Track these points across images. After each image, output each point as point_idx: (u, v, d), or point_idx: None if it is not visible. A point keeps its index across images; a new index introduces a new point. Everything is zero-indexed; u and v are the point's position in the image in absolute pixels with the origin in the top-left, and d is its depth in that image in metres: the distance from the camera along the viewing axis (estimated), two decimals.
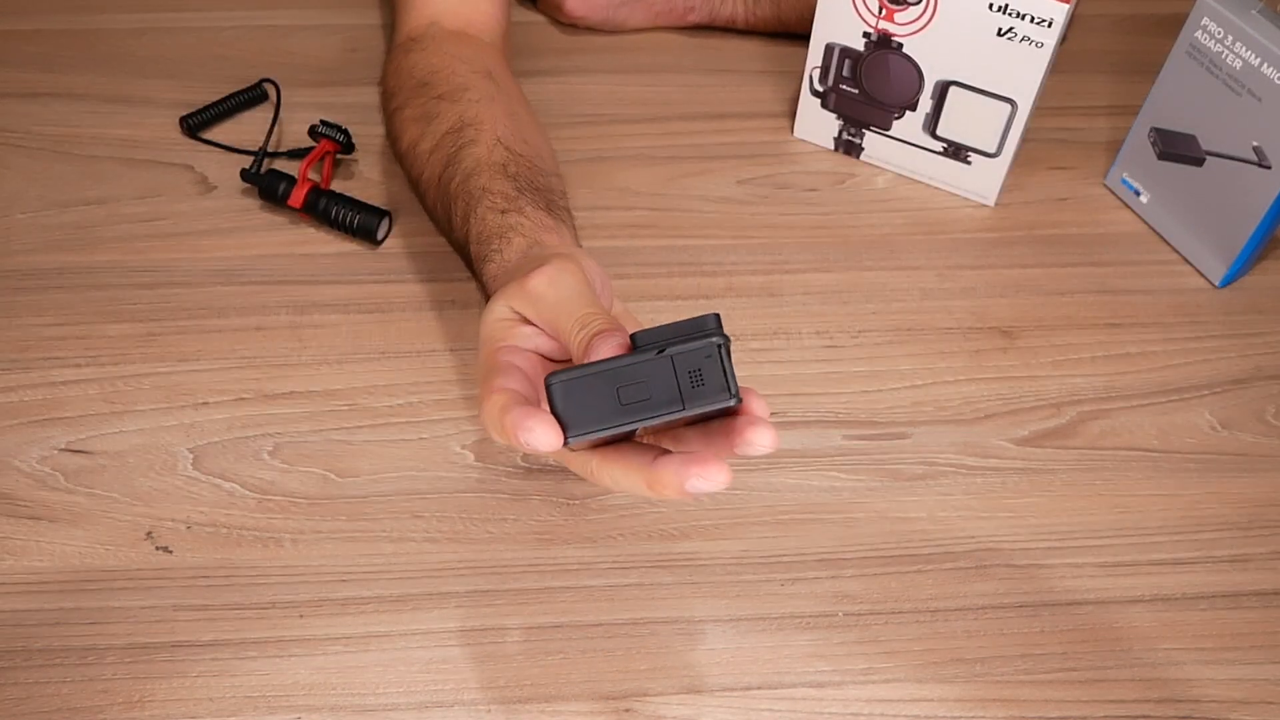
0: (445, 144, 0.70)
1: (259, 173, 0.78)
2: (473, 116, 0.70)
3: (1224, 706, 0.59)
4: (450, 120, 0.71)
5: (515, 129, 0.70)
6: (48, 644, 0.60)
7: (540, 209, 0.63)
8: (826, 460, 0.68)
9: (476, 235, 0.62)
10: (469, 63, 0.75)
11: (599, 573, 0.63)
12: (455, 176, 0.67)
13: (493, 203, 0.63)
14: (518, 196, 0.63)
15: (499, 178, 0.65)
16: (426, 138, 0.72)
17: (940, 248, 0.80)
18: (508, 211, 0.62)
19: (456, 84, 0.73)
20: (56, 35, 0.91)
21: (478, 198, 0.64)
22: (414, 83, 0.75)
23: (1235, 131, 0.73)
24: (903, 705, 0.59)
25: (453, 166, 0.68)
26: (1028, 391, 0.72)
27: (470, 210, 0.64)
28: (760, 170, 0.84)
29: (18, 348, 0.71)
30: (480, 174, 0.65)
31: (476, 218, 0.63)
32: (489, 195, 0.64)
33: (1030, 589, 0.63)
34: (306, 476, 0.66)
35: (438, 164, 0.69)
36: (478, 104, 0.71)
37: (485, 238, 0.61)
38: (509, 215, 0.62)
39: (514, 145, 0.68)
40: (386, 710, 0.58)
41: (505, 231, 0.61)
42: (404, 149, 0.74)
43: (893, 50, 0.77)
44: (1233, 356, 0.74)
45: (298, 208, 0.76)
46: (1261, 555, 0.65)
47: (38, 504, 0.65)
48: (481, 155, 0.67)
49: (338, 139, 0.78)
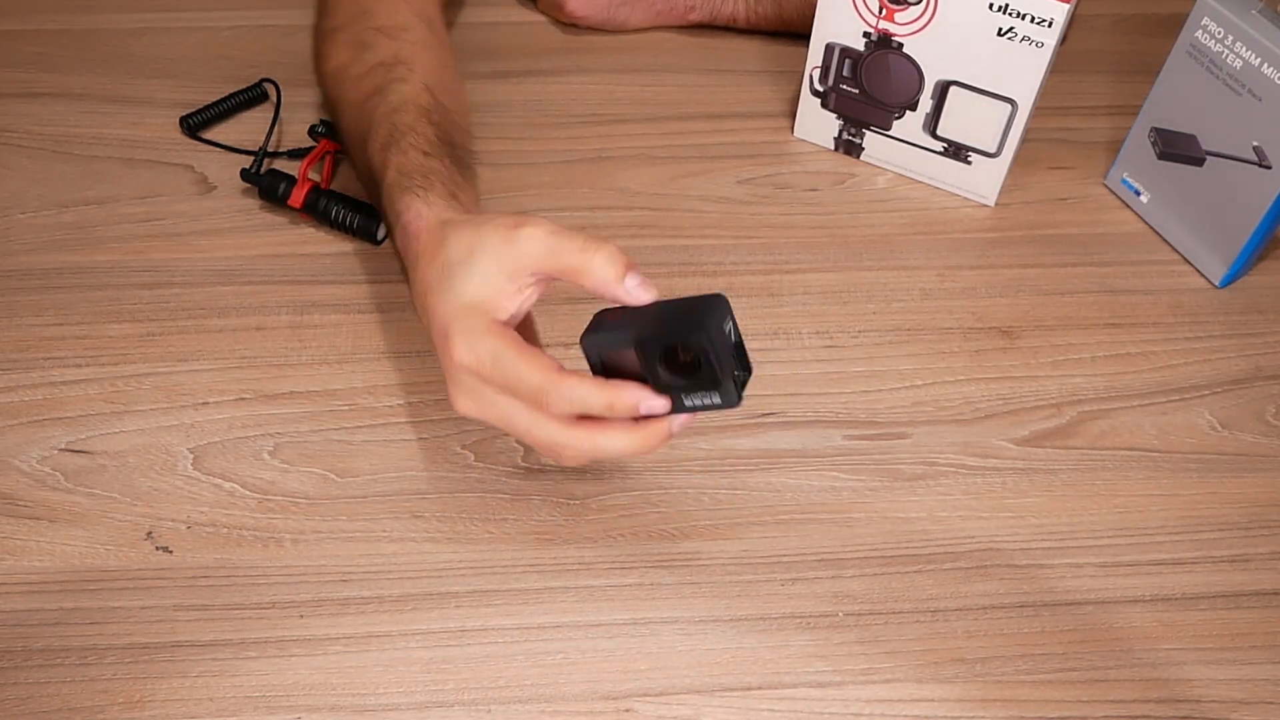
0: (376, 74, 0.70)
1: (259, 173, 0.78)
2: (407, 55, 0.72)
3: (1224, 706, 0.59)
4: (384, 53, 0.72)
5: (442, 80, 0.72)
6: (48, 644, 0.60)
7: (453, 165, 0.64)
8: (826, 460, 0.68)
9: (399, 165, 0.63)
10: (411, 4, 0.77)
11: (599, 573, 0.63)
12: (380, 106, 0.68)
13: (416, 142, 0.64)
14: (439, 144, 0.65)
15: (423, 121, 0.66)
16: (357, 64, 0.73)
17: (940, 248, 0.80)
18: (430, 155, 0.64)
19: (398, 21, 0.74)
20: (56, 35, 0.91)
21: (403, 132, 0.65)
22: (355, 8, 0.76)
23: (1235, 131, 0.73)
24: (903, 705, 0.59)
25: (379, 95, 0.69)
26: (1028, 391, 0.72)
27: (393, 141, 0.65)
28: (760, 170, 0.84)
29: (18, 348, 0.71)
30: (406, 111, 0.67)
31: (399, 150, 0.64)
32: (414, 134, 0.65)
33: (1030, 589, 0.63)
34: (306, 476, 0.66)
35: (364, 90, 0.70)
36: (414, 45, 0.73)
37: (408, 171, 0.62)
38: (431, 159, 0.63)
39: (440, 95, 0.69)
40: (386, 710, 0.58)
41: (427, 174, 0.62)
42: (331, 70, 0.75)
43: (893, 50, 0.77)
44: (1233, 356, 0.74)
45: (298, 208, 0.76)
46: (1261, 555, 0.65)
47: (38, 504, 0.65)
48: (409, 95, 0.68)
49: (337, 139, 0.78)
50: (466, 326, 0.53)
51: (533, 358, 0.52)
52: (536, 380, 0.51)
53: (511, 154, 0.84)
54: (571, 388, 0.51)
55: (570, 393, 0.51)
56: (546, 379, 0.51)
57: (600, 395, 0.51)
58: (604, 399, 0.51)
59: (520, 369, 0.51)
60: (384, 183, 0.63)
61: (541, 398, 0.51)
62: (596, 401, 0.51)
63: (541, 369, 0.51)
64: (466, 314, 0.53)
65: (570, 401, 0.51)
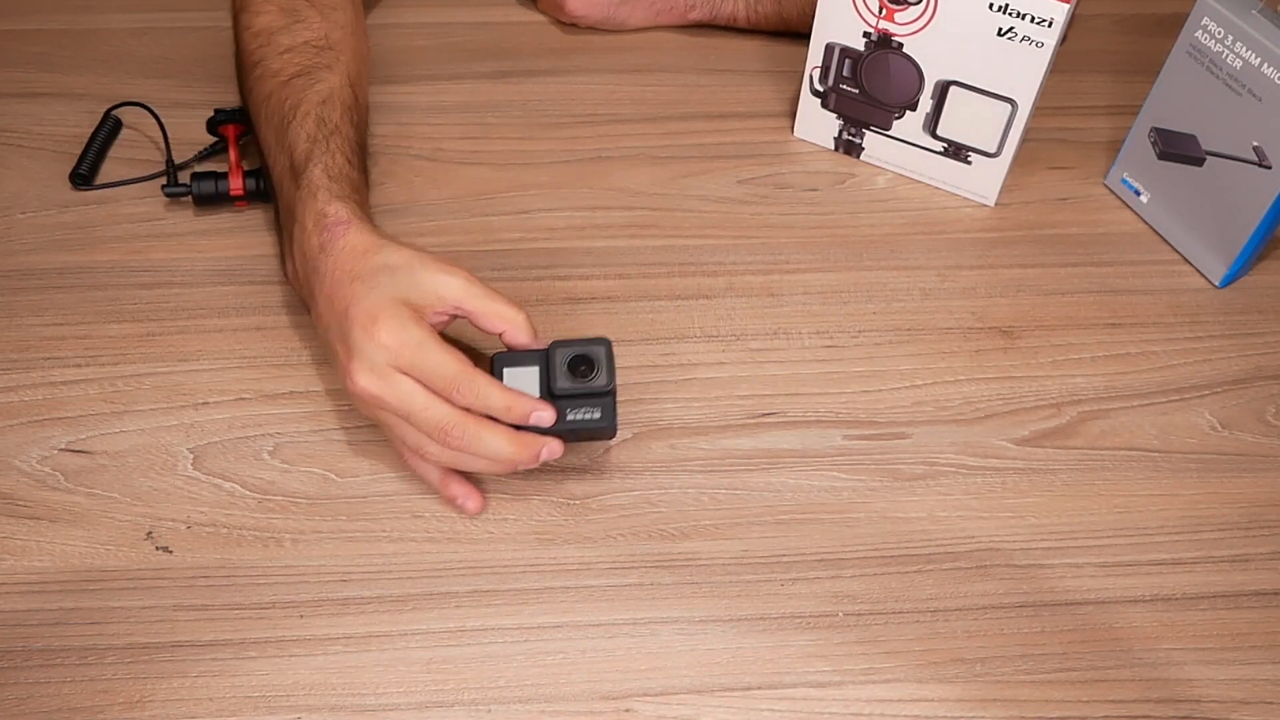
0: (304, 53, 0.73)
1: (177, 182, 0.78)
2: (336, 41, 0.75)
3: (1224, 706, 0.59)
4: (315, 31, 0.75)
5: (359, 73, 0.76)
6: (48, 644, 0.60)
7: (362, 176, 0.70)
8: (826, 460, 0.68)
9: (326, 167, 0.67)
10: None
11: (599, 573, 0.63)
12: (307, 91, 0.71)
13: (341, 146, 0.69)
14: (358, 150, 0.71)
15: (346, 122, 0.71)
16: (286, 34, 0.74)
17: (940, 248, 0.80)
18: (352, 165, 0.69)
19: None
20: (56, 35, 0.91)
21: (329, 132, 0.69)
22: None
23: (1235, 131, 0.73)
24: (903, 705, 0.59)
25: (306, 78, 0.72)
26: (1028, 391, 0.72)
27: (320, 138, 0.68)
28: (760, 170, 0.84)
29: (18, 348, 0.71)
30: (333, 105, 0.71)
31: (327, 151, 0.68)
32: (339, 135, 0.69)
33: (1030, 589, 0.63)
34: (306, 476, 0.66)
35: (291, 67, 0.72)
36: (342, 30, 0.76)
37: (335, 176, 0.67)
38: (353, 170, 0.69)
39: (358, 91, 0.74)
40: (386, 710, 0.58)
41: (356, 186, 0.68)
42: (258, 28, 0.75)
43: (893, 50, 0.77)
44: (1233, 356, 0.74)
45: (240, 195, 0.76)
46: (1261, 555, 0.65)
47: (38, 504, 0.65)
48: (336, 86, 0.72)
49: (238, 122, 0.78)
50: (397, 314, 0.59)
51: (453, 351, 0.60)
52: (453, 370, 0.59)
53: (511, 154, 0.84)
54: (482, 384, 0.59)
55: (480, 388, 0.59)
56: (463, 371, 0.59)
57: (503, 396, 0.60)
58: (506, 400, 0.60)
59: (442, 357, 0.59)
60: (305, 174, 0.67)
61: (452, 387, 0.59)
62: (499, 401, 0.59)
63: (460, 362, 0.59)
64: (398, 305, 0.60)
65: (477, 395, 0.59)
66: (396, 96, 0.87)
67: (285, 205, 0.68)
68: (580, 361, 0.62)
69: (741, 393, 0.71)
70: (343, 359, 0.61)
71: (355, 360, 0.60)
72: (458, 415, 0.59)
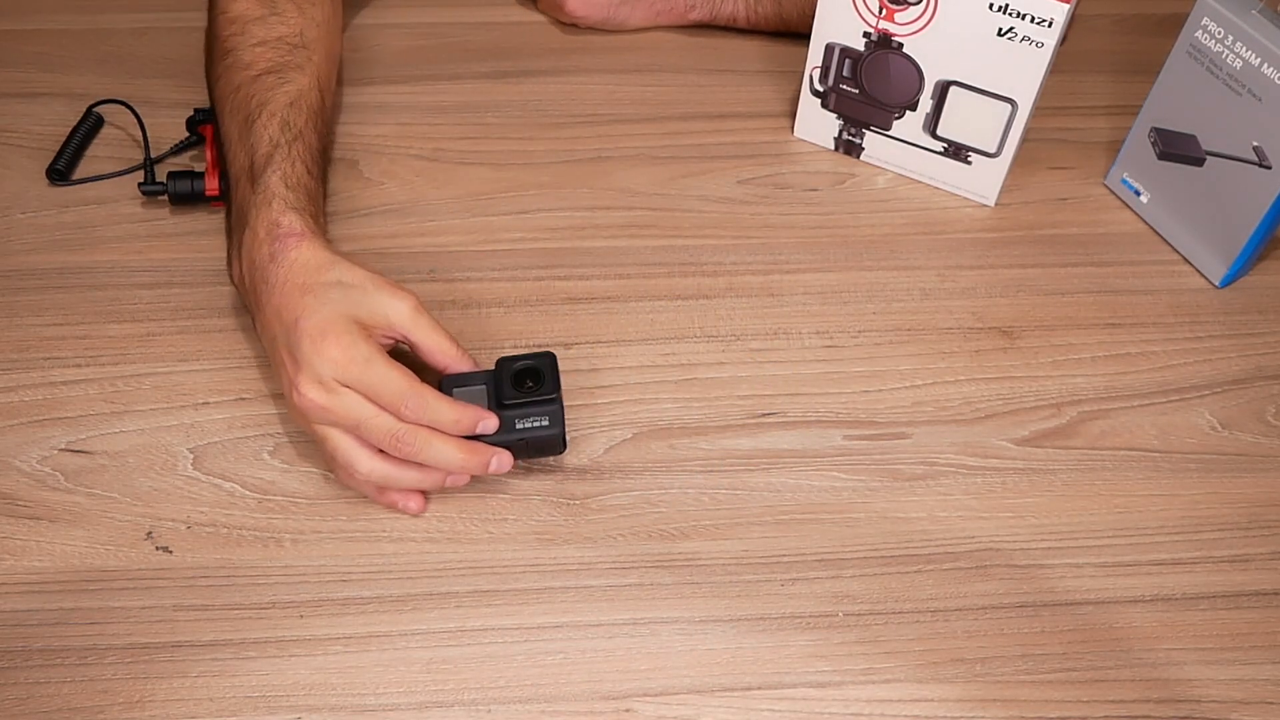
0: (278, 49, 0.74)
1: (155, 180, 0.78)
2: (311, 39, 0.75)
3: (1224, 706, 0.59)
4: (291, 27, 0.75)
5: (329, 75, 0.77)
6: (48, 644, 0.60)
7: (320, 187, 0.71)
8: (826, 460, 0.68)
9: (284, 174, 0.67)
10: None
11: (599, 573, 0.63)
12: (276, 91, 0.71)
13: (302, 154, 0.69)
14: (319, 158, 0.72)
15: (310, 129, 0.71)
16: (262, 26, 0.75)
17: (940, 248, 0.80)
18: (311, 174, 0.69)
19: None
20: (56, 35, 0.91)
21: (293, 137, 0.70)
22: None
23: (1235, 131, 0.73)
24: (903, 705, 0.59)
25: (276, 76, 0.72)
26: (1028, 391, 0.72)
27: (283, 142, 0.69)
28: (760, 170, 0.84)
29: (18, 348, 0.71)
30: (300, 110, 0.71)
31: (287, 157, 0.68)
32: (301, 142, 0.70)
33: (1030, 589, 0.63)
34: (306, 476, 0.66)
35: (262, 62, 0.73)
36: (319, 28, 0.77)
37: (293, 185, 0.67)
38: (312, 180, 0.69)
39: (326, 95, 0.75)
40: (386, 710, 0.58)
41: (313, 196, 0.69)
42: (234, 14, 0.75)
43: (893, 50, 0.77)
44: (1233, 356, 0.74)
45: (217, 195, 0.76)
46: (1261, 555, 0.65)
47: (38, 504, 0.65)
48: (304, 89, 0.73)
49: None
50: (348, 330, 0.61)
51: (401, 369, 0.61)
52: (401, 386, 0.60)
53: (511, 154, 0.84)
54: (429, 399, 0.61)
55: (428, 403, 0.60)
56: (411, 387, 0.60)
57: (451, 410, 0.61)
58: (453, 414, 0.61)
59: (391, 374, 0.60)
60: (262, 179, 0.67)
61: (401, 402, 0.60)
62: (448, 415, 0.61)
63: (408, 378, 0.61)
64: (348, 322, 0.61)
65: (425, 409, 0.60)
66: (396, 96, 0.87)
67: (238, 206, 0.69)
68: (527, 375, 0.64)
69: (741, 393, 0.71)
70: (289, 370, 0.61)
71: (303, 373, 0.60)
72: (402, 425, 0.60)
